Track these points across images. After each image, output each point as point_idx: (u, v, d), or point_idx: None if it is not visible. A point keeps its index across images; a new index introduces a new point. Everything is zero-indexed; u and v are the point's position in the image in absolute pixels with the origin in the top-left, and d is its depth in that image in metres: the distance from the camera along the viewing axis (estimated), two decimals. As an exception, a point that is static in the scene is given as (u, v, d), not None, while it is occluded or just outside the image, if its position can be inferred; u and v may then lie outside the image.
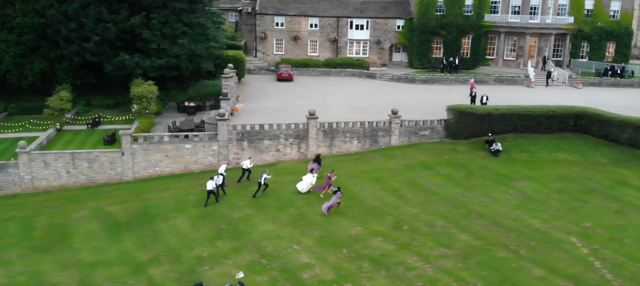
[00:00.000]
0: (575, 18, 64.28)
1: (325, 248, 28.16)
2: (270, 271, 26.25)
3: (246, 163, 36.26)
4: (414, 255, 27.52)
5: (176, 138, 37.87)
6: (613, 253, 27.61)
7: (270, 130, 39.23)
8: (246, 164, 36.22)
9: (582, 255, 27.49)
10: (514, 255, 27.50)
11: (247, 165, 36.20)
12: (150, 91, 43.45)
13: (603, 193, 34.21)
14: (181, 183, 36.43)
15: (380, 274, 26.04)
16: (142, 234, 29.99)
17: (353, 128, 40.55)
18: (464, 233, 29.56)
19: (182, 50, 47.44)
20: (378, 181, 35.72)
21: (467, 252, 27.77)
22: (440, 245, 28.35)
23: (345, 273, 26.06)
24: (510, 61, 65.53)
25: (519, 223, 30.53)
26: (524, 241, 28.68)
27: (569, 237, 29.12)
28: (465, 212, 31.76)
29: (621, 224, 30.44)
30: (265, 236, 29.33)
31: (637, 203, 33.06)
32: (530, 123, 40.91)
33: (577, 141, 40.80)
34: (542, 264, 26.69)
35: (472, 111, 40.74)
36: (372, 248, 28.14)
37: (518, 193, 34.10)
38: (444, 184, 35.28)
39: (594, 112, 40.52)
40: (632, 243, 28.58)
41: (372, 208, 32.23)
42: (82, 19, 45.95)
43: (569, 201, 33.07)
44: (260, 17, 66.05)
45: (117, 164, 37.35)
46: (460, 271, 26.20)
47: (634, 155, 39.01)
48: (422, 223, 30.57)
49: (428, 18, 63.96)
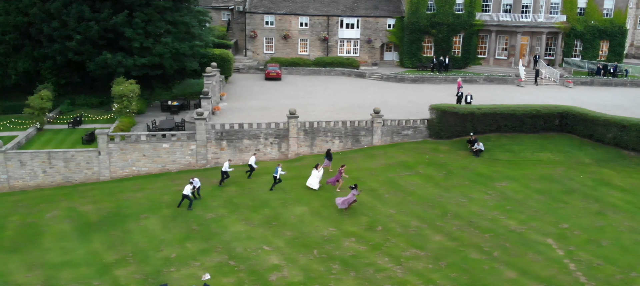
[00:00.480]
0: (567, 16, 63.59)
1: (296, 249, 27.71)
2: (238, 273, 25.82)
3: (252, 159, 35.96)
4: (385, 256, 27.05)
5: (153, 138, 37.47)
6: (589, 255, 27.05)
7: (250, 129, 38.79)
8: (252, 161, 35.92)
9: (557, 257, 26.95)
10: (487, 257, 26.98)
11: (252, 161, 35.92)
12: (131, 90, 43.11)
13: (584, 193, 33.63)
14: (157, 183, 36.01)
15: (349, 275, 25.58)
16: (112, 235, 29.59)
17: (334, 128, 40.07)
18: (438, 233, 29.06)
19: (165, 49, 47.05)
20: (356, 181, 35.10)
21: (440, 253, 27.27)
22: (412, 246, 27.86)
23: (314, 275, 25.61)
24: (501, 60, 64.89)
25: (495, 223, 29.99)
26: (498, 243, 28.16)
27: (545, 238, 28.58)
28: (441, 212, 31.24)
29: (600, 226, 29.87)
30: (236, 237, 28.89)
31: (619, 204, 32.48)
32: (514, 123, 40.32)
33: (562, 141, 40.20)
34: (515, 266, 26.17)
35: (454, 110, 40.19)
36: (343, 249, 27.67)
37: (497, 193, 33.56)
38: (423, 184, 34.75)
39: (579, 112, 39.90)
40: (610, 245, 28.01)
41: (348, 208, 31.69)
42: (65, 17, 45.63)
43: (548, 202, 32.50)
44: (250, 15, 65.62)
45: (93, 164, 36.98)
46: (431, 273, 25.71)
47: (618, 155, 38.41)
48: (396, 223, 30.08)
49: (418, 17, 63.39)
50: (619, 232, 29.25)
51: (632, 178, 35.73)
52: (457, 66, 64.65)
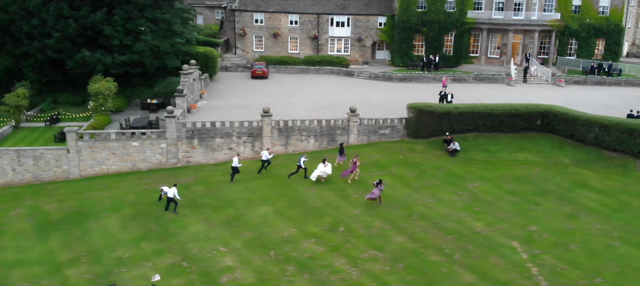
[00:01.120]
0: (562, 14, 62.32)
1: (253, 250, 27.09)
2: (189, 275, 25.24)
3: (265, 154, 35.60)
4: (343, 258, 26.33)
5: (123, 136, 37.04)
6: (554, 259, 26.11)
7: (222, 128, 38.24)
8: (265, 156, 35.57)
9: (520, 261, 26.04)
10: (448, 259, 26.15)
11: (266, 156, 35.53)
12: (107, 88, 42.78)
13: (559, 195, 32.64)
14: (125, 181, 35.58)
15: (303, 278, 24.89)
16: (70, 234, 29.17)
17: (309, 126, 39.40)
18: (400, 235, 28.28)
19: (145, 46, 46.70)
20: (326, 180, 34.50)
21: (399, 255, 26.50)
22: (372, 248, 27.10)
23: (267, 277, 24.97)
24: (494, 58, 63.81)
25: (460, 225, 29.15)
26: (461, 245, 27.31)
27: (510, 241, 27.67)
28: (407, 213, 30.44)
29: (570, 228, 28.91)
30: (193, 237, 28.33)
31: (593, 205, 31.46)
32: (492, 122, 39.34)
33: (542, 141, 39.17)
34: (474, 269, 25.32)
35: (431, 109, 39.33)
36: (301, 250, 27.00)
37: (467, 194, 32.67)
38: (393, 184, 33.95)
39: (560, 111, 38.83)
40: (577, 249, 27.04)
41: (313, 209, 31.06)
42: (43, 15, 45.41)
43: (519, 203, 31.57)
44: (239, 13, 65.14)
45: (63, 162, 36.64)
46: (387, 275, 24.96)
47: (599, 156, 37.32)
48: (360, 224, 29.33)
49: (409, 15, 62.50)
50: (589, 235, 28.27)
51: (611, 180, 34.67)
52: (449, 65, 63.69)
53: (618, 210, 30.97)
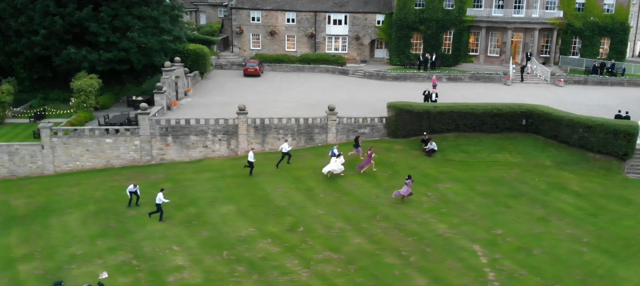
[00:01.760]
0: (565, 12, 60.57)
1: (206, 250, 26.68)
2: (137, 273, 24.94)
3: (285, 147, 35.44)
4: (296, 259, 25.79)
5: (96, 132, 36.97)
6: (514, 264, 25.15)
7: (197, 125, 37.91)
8: (285, 148, 35.41)
9: (478, 265, 25.14)
10: (402, 262, 25.40)
11: (286, 149, 35.39)
12: (89, 85, 42.85)
13: (533, 197, 31.49)
14: (96, 178, 35.47)
15: (251, 279, 24.42)
16: (31, 230, 29.13)
17: (287, 125, 38.83)
18: (360, 236, 27.58)
19: (131, 43, 46.68)
20: (296, 179, 33.93)
21: (354, 257, 25.82)
22: (328, 249, 26.47)
23: (215, 277, 24.54)
24: (493, 57, 62.34)
25: (423, 227, 28.30)
26: (420, 247, 26.50)
27: (472, 244, 26.75)
28: (371, 214, 29.70)
29: (538, 233, 27.84)
30: (149, 236, 28.04)
31: (567, 209, 30.28)
32: (473, 122, 38.21)
33: (525, 142, 37.90)
34: (429, 273, 24.53)
35: (409, 108, 38.36)
36: (256, 251, 26.51)
37: (437, 195, 31.74)
38: (363, 184, 33.20)
39: (543, 111, 37.50)
40: (541, 254, 26.00)
41: (276, 208, 30.52)
42: (30, 12, 45.70)
43: (490, 206, 30.54)
44: (236, 11, 64.89)
45: (37, 158, 36.73)
46: (337, 277, 24.34)
47: (582, 158, 35.96)
48: (321, 224, 28.70)
49: (406, 13, 61.45)
50: (556, 240, 27.18)
51: (592, 182, 33.36)
52: (447, 64, 62.46)
53: (593, 214, 29.75)
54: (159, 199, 29.25)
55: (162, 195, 29.39)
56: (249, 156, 34.73)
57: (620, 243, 26.98)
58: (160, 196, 29.27)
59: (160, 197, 29.26)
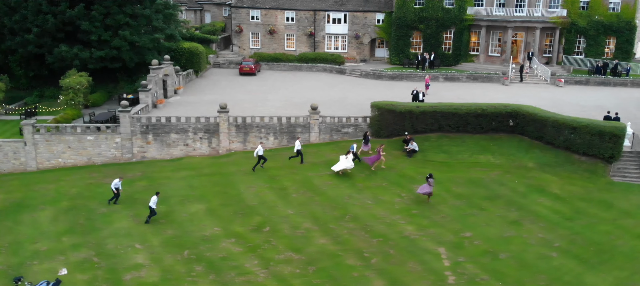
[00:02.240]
0: (568, 11, 59.18)
1: (168, 248, 26.55)
2: (96, 270, 24.93)
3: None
4: (257, 259, 25.52)
5: (78, 130, 37.18)
6: (477, 268, 24.50)
7: (178, 123, 37.88)
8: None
9: (440, 268, 24.54)
10: (363, 263, 24.95)
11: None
12: (78, 82, 43.18)
13: (509, 200, 30.68)
14: (75, 175, 35.68)
15: (208, 278, 24.21)
16: (2, 225, 29.33)
17: (269, 123, 38.58)
18: (325, 236, 27.18)
19: (123, 41, 46.96)
20: (271, 179, 33.66)
21: (315, 258, 25.45)
22: (290, 249, 26.14)
23: (172, 277, 24.39)
24: (494, 57, 61.19)
25: (390, 228, 27.76)
26: (383, 249, 26.01)
27: (437, 247, 26.16)
28: (340, 214, 29.26)
29: (508, 236, 27.10)
30: (115, 233, 28.03)
31: (543, 212, 29.43)
32: (456, 122, 37.45)
33: (510, 143, 37.02)
34: (388, 275, 24.03)
35: (392, 108, 37.77)
36: (217, 250, 26.30)
37: (411, 196, 31.13)
38: (338, 184, 32.75)
39: (529, 112, 36.55)
40: (507, 258, 25.28)
41: (246, 208, 30.28)
42: (23, 11, 46.28)
43: (463, 208, 29.85)
44: (236, 10, 64.87)
45: (20, 154, 37.11)
46: (294, 278, 24.00)
47: (567, 159, 34.96)
48: (288, 224, 28.38)
49: (406, 11, 60.69)
50: (526, 244, 26.42)
51: (574, 185, 32.40)
52: (448, 63, 61.48)
53: (569, 218, 28.88)
54: (153, 202, 28.68)
55: (157, 198, 28.81)
56: (258, 150, 34.32)
57: (593, 248, 26.11)
58: (154, 200, 28.70)
59: (155, 200, 28.68)
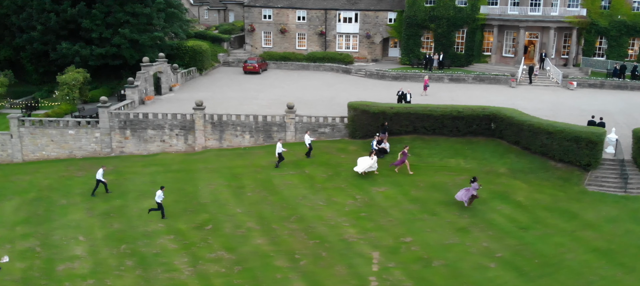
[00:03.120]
0: (588, 10, 56.28)
1: (108, 242, 27.07)
2: (35, 260, 25.74)
3: (307, 138, 35.55)
4: (187, 257, 25.61)
5: (61, 124, 38.44)
6: (404, 275, 23.66)
7: (155, 120, 38.54)
8: (307, 139, 35.51)
9: (366, 273, 23.86)
10: (291, 265, 24.57)
11: (308, 140, 35.48)
12: (73, 79, 44.67)
13: (466, 207, 29.39)
14: (53, 167, 36.93)
15: (134, 273, 24.52)
16: (-33, 214, 30.73)
17: (245, 122, 38.65)
18: (263, 237, 26.96)
19: (123, 39, 48.25)
20: (233, 177, 33.70)
21: (246, 258, 25.29)
22: (224, 248, 26.09)
23: (101, 269, 24.86)
24: (508, 58, 58.97)
25: (332, 230, 27.21)
26: (317, 251, 25.54)
27: (372, 251, 25.43)
28: (287, 215, 28.93)
29: (449, 243, 26.01)
30: (66, 225, 28.84)
31: (498, 220, 28.03)
32: (432, 124, 36.25)
33: (486, 147, 35.49)
34: (310, 278, 23.61)
35: (366, 108, 36.98)
36: (153, 246, 26.58)
37: (366, 198, 30.37)
38: (297, 184, 32.39)
39: (506, 115, 34.92)
40: (440, 266, 24.28)
41: (198, 205, 30.44)
42: (28, 9, 48.34)
43: (414, 212, 28.86)
44: (248, 9, 65.39)
45: (7, 146, 38.74)
46: (217, 278, 23.95)
47: (542, 166, 33.17)
48: (231, 223, 28.33)
49: (416, 10, 59.40)
50: (466, 253, 25.26)
51: (542, 194, 30.69)
52: (459, 64, 59.77)
53: (524, 228, 27.40)
54: (159, 197, 28.78)
55: (162, 193, 28.93)
56: (278, 147, 34.29)
57: (538, 261, 24.64)
58: (159, 194, 28.88)
59: (160, 195, 28.85)
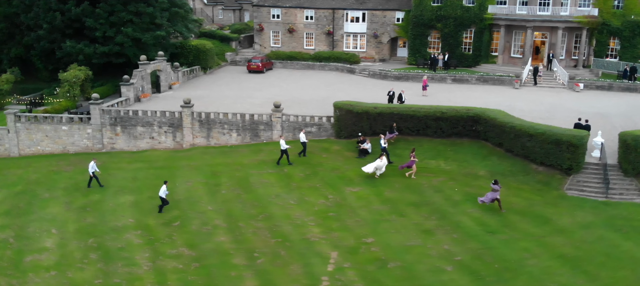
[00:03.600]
0: (600, 10, 54.67)
1: (78, 236, 27.75)
2: (6, 250, 26.64)
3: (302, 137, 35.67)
4: (149, 252, 26.05)
5: (55, 120, 39.53)
6: (357, 276, 23.49)
7: (144, 117, 39.24)
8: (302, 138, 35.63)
9: (320, 273, 23.80)
10: (248, 263, 24.74)
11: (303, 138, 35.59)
12: (74, 76, 45.87)
13: (436, 208, 28.97)
14: (45, 162, 38.03)
15: (95, 266, 25.07)
16: (-47, 205, 31.92)
17: (232, 120, 38.99)
18: (227, 235, 27.21)
19: (125, 38, 49.30)
20: (212, 175, 34.07)
21: (206, 255, 25.58)
22: (186, 245, 26.44)
23: (65, 262, 25.54)
24: (516, 58, 57.74)
25: (296, 229, 27.25)
26: (277, 250, 25.62)
27: (331, 251, 25.34)
28: (256, 213, 29.10)
29: (411, 245, 25.70)
30: (42, 217, 29.67)
31: (466, 223, 27.48)
32: (415, 125, 35.83)
33: (469, 149, 34.87)
34: (263, 276, 23.73)
35: (350, 108, 36.82)
36: (119, 241, 27.15)
37: (337, 198, 30.25)
38: (274, 183, 32.50)
39: (490, 117, 34.23)
40: (395, 268, 23.99)
41: (171, 202, 30.74)
42: (36, 8, 49.87)
43: (383, 213, 28.61)
44: (257, 9, 65.85)
45: (5, 141, 40.05)
46: (172, 274, 24.29)
47: (523, 169, 32.42)
48: (199, 220, 28.67)
49: (423, 9, 58.78)
50: (425, 255, 24.91)
51: (518, 197, 29.97)
52: (467, 65, 58.85)
53: (491, 232, 26.83)
54: (163, 192, 29.32)
55: (166, 188, 29.40)
56: (281, 144, 34.45)
57: (498, 266, 24.07)
58: (163, 189, 29.33)
59: (164, 190, 29.34)
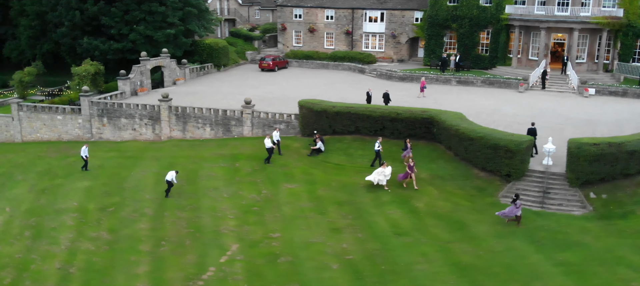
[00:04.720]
0: (625, 11, 51.12)
1: (26, 215, 30.21)
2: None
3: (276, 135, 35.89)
4: (73, 233, 27.91)
5: (50, 109, 42.99)
6: (242, 269, 24.14)
7: (127, 109, 41.72)
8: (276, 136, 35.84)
9: (210, 264, 24.68)
10: (151, 250, 26.06)
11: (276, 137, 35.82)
12: (84, 70, 49.43)
13: (357, 208, 28.77)
14: (37, 148, 41.49)
15: (24, 243, 27.33)
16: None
17: (205, 115, 40.57)
18: (149, 222, 28.67)
19: (138, 35, 52.43)
20: (168, 166, 35.38)
21: (120, 239, 27.11)
22: (108, 230, 28.01)
23: (3, 237, 28.04)
24: (534, 61, 55.13)
25: (213, 222, 28.23)
26: (184, 240, 26.78)
27: (233, 244, 26.14)
28: (187, 204, 30.30)
29: (311, 242, 25.95)
30: (6, 197, 32.71)
31: (380, 224, 27.25)
32: (372, 125, 35.52)
33: (421, 152, 33.93)
34: (157, 264, 24.91)
35: (311, 106, 37.14)
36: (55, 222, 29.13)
37: (270, 194, 30.79)
38: (219, 176, 33.58)
39: (441, 119, 33.32)
40: (284, 263, 24.41)
41: (118, 189, 32.62)
42: (60, 7, 54.15)
43: (305, 210, 28.80)
44: (281, 8, 67.27)
45: (10, 128, 44.06)
46: (82, 254, 25.92)
47: (465, 174, 31.36)
48: (132, 208, 30.13)
49: (438, 9, 57.61)
50: (320, 252, 25.04)
51: (447, 201, 29.10)
52: (483, 66, 57.09)
53: (401, 234, 26.47)
54: (170, 176, 30.69)
55: (175, 176, 30.85)
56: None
57: (386, 268, 23.80)
58: (172, 174, 30.80)
59: (173, 175, 30.84)
